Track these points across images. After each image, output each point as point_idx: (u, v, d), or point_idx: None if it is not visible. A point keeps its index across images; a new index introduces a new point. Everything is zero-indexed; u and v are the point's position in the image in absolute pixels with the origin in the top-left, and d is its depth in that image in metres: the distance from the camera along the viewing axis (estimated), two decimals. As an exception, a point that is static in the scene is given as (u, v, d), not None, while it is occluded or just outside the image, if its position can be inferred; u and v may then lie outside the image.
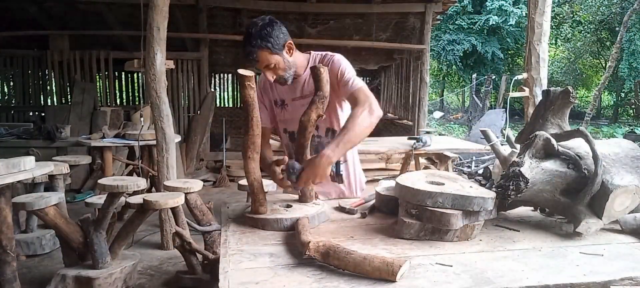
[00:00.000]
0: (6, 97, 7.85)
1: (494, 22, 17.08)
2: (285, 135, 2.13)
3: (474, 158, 8.22)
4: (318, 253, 1.28)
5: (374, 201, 1.88)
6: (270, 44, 1.84)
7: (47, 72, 7.20)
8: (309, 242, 1.31)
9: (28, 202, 2.70)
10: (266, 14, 7.01)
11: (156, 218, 4.13)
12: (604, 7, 17.75)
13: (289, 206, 1.76)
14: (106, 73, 7.31)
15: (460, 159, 8.17)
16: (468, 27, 17.84)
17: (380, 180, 2.50)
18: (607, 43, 19.12)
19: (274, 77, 1.91)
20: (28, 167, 2.69)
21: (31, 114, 7.42)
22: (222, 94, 12.55)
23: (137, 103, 8.77)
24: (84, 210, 3.56)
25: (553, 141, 1.62)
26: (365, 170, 7.65)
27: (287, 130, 2.11)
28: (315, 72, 1.72)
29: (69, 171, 3.82)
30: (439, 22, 11.18)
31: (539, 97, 3.58)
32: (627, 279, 1.28)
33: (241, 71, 1.56)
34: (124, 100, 9.40)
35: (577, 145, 1.69)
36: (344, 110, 2.05)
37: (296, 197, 1.91)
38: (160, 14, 3.55)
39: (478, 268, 1.30)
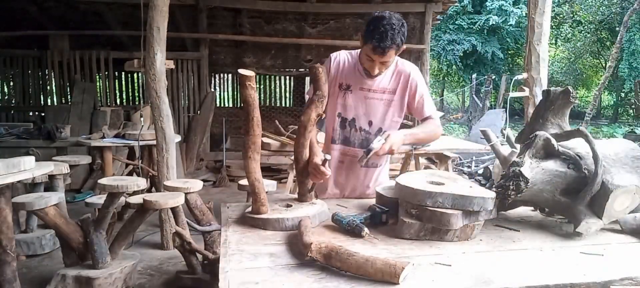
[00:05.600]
0: (6, 97, 7.85)
1: (494, 22, 17.06)
2: (337, 120, 2.11)
3: (474, 158, 8.21)
4: (320, 255, 1.28)
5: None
6: (401, 45, 1.90)
7: (47, 72, 7.19)
8: (311, 243, 1.31)
9: (28, 202, 2.70)
10: (266, 13, 7.07)
11: (156, 218, 4.13)
12: (604, 7, 17.74)
13: (288, 206, 1.76)
14: (106, 73, 7.30)
15: (460, 159, 8.16)
16: (468, 27, 17.82)
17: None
18: (607, 43, 19.12)
19: (378, 72, 1.96)
20: (28, 167, 2.69)
21: (31, 114, 7.42)
22: (222, 94, 12.54)
23: (137, 103, 8.76)
24: (84, 210, 3.56)
25: (553, 141, 1.62)
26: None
27: (341, 115, 2.10)
28: (314, 72, 1.72)
29: (69, 171, 3.82)
30: (439, 22, 11.16)
31: (539, 97, 3.57)
32: (627, 279, 1.28)
33: (242, 71, 1.56)
34: (124, 100, 9.39)
35: (577, 145, 1.69)
36: (401, 119, 2.13)
37: (295, 196, 1.91)
38: (160, 14, 3.54)
39: (478, 268, 1.30)
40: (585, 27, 19.23)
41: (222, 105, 12.06)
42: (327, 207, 1.78)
